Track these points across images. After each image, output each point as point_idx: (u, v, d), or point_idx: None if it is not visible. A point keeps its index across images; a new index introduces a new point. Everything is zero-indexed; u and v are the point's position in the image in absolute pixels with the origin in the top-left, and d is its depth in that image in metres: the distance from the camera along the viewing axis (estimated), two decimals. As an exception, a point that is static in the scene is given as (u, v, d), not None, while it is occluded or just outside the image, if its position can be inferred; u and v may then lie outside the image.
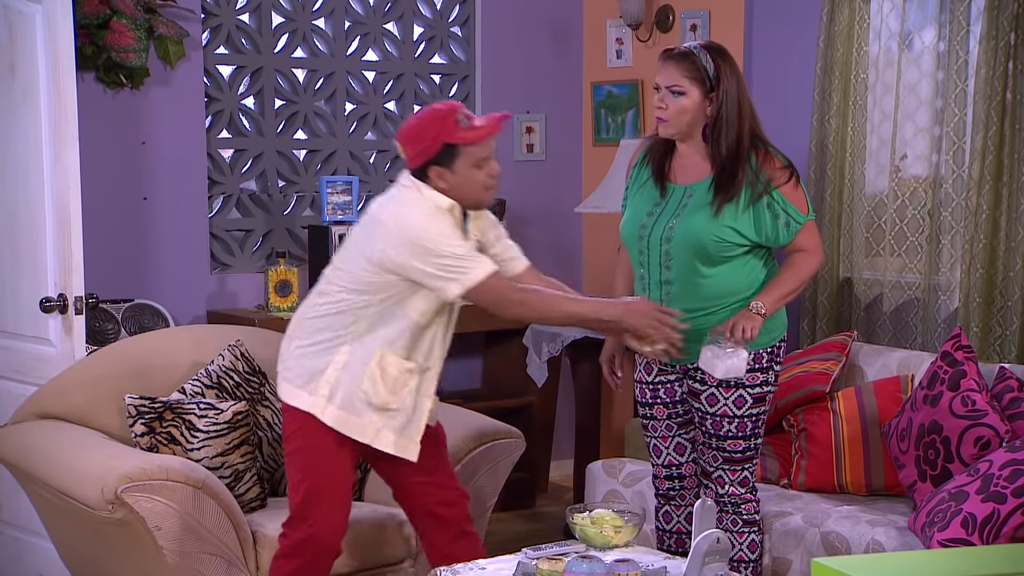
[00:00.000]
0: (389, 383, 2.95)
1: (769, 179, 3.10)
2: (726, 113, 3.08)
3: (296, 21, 4.89)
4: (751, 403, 3.18)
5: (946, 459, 3.36)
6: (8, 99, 3.87)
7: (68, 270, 3.71)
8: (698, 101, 3.10)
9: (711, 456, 3.23)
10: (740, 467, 3.22)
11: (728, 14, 4.89)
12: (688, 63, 3.09)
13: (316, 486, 2.98)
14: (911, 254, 4.30)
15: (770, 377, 3.21)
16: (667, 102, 3.11)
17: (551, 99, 5.42)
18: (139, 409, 3.36)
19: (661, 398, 3.29)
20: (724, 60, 3.11)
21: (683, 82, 3.09)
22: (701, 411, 3.21)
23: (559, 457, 5.29)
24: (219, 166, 4.79)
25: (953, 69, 4.10)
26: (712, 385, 3.18)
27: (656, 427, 3.32)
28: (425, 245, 2.86)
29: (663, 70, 3.13)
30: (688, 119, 3.11)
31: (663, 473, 3.35)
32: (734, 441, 3.19)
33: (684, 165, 3.18)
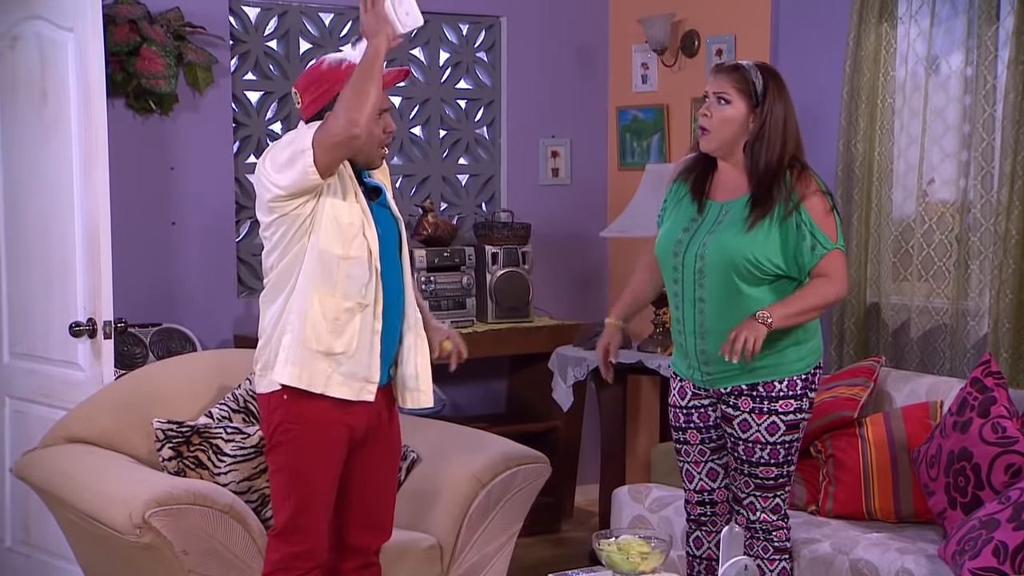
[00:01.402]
0: (329, 324, 2.89)
1: (801, 198, 3.09)
2: (769, 130, 3.09)
3: (323, 47, 4.93)
4: (784, 430, 3.16)
5: (976, 486, 3.33)
6: (40, 125, 3.92)
7: (97, 295, 3.74)
8: (743, 113, 3.11)
9: (743, 482, 3.21)
10: (772, 494, 3.20)
11: (753, 39, 4.89)
12: (738, 75, 3.13)
13: (303, 503, 2.95)
14: (939, 279, 4.28)
15: (804, 404, 3.18)
16: (712, 110, 3.13)
17: (576, 123, 5.43)
18: (167, 433, 3.38)
19: (695, 423, 3.27)
20: (775, 81, 3.14)
21: (730, 91, 3.11)
22: (734, 436, 3.20)
23: (584, 482, 5.27)
24: (246, 191, 4.82)
25: (981, 94, 4.09)
26: (745, 411, 3.16)
27: (689, 452, 3.30)
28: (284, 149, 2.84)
29: (713, 80, 3.17)
30: (731, 130, 3.12)
31: (695, 499, 3.33)
32: (766, 468, 3.17)
33: (723, 182, 3.19)
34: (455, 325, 4.83)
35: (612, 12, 5.44)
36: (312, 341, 2.90)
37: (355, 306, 2.92)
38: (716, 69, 3.21)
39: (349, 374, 2.93)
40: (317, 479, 2.96)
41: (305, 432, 2.93)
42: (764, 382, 3.15)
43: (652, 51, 5.19)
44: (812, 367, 3.19)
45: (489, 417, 5.12)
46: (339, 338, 2.91)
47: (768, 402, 3.15)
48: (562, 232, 5.42)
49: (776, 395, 3.14)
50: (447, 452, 3.59)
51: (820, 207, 3.10)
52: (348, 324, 2.91)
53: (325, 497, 2.98)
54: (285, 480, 2.96)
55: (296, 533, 2.96)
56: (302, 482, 2.95)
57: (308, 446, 2.93)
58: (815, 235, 3.09)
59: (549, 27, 5.34)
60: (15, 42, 3.98)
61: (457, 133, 5.27)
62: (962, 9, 4.18)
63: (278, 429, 2.95)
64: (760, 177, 3.10)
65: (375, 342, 2.96)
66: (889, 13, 4.36)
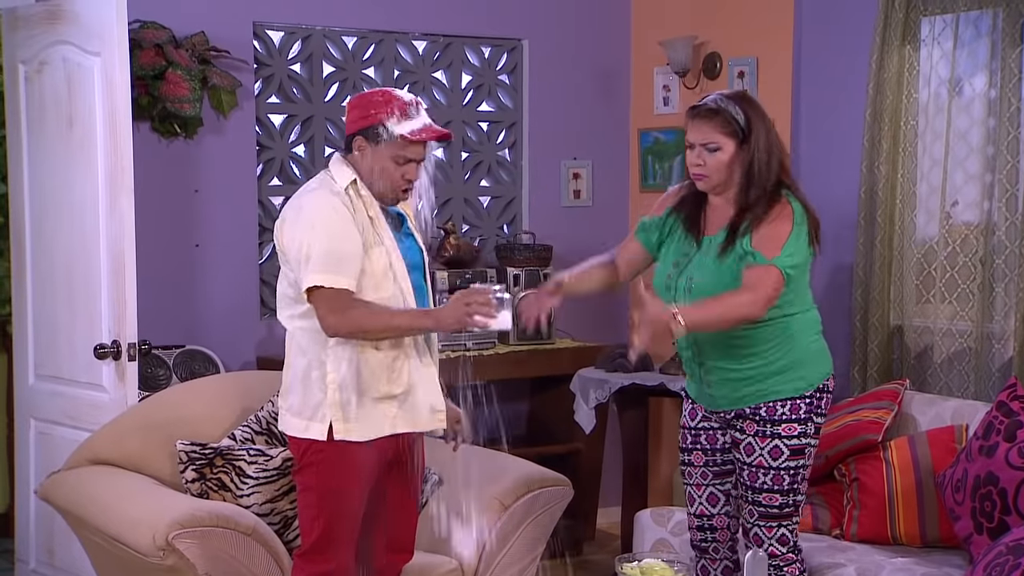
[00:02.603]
0: (381, 373, 2.94)
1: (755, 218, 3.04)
2: (757, 163, 3.06)
3: (346, 70, 4.96)
4: (787, 455, 3.12)
5: (1003, 511, 3.30)
6: (66, 149, 3.95)
7: (122, 317, 3.76)
8: (733, 154, 3.08)
9: (748, 511, 3.18)
10: (776, 523, 3.16)
11: (776, 61, 4.89)
12: (720, 119, 3.07)
13: (333, 523, 2.97)
14: (963, 302, 4.25)
15: (808, 429, 3.13)
16: (704, 159, 3.09)
17: (598, 145, 5.44)
18: (190, 455, 3.39)
19: (702, 444, 3.26)
20: (752, 108, 3.10)
21: (718, 138, 3.07)
22: (740, 461, 3.18)
23: (606, 505, 5.25)
24: (270, 213, 4.84)
25: (1005, 116, 4.08)
26: (750, 434, 3.14)
27: (692, 474, 3.28)
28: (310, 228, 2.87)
29: (695, 128, 3.11)
30: (727, 172, 3.10)
31: (695, 523, 3.30)
32: (770, 495, 3.13)
33: (715, 215, 3.17)
34: (476, 348, 4.86)
35: (634, 35, 5.45)
36: (370, 390, 2.94)
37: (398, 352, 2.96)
38: (694, 115, 3.12)
39: (410, 408, 2.98)
40: (348, 499, 2.98)
41: (337, 454, 2.95)
42: (767, 405, 3.12)
43: (674, 73, 5.20)
44: (810, 388, 3.13)
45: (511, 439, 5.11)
46: (393, 382, 2.96)
47: (771, 425, 3.12)
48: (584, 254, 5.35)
49: (779, 418, 3.11)
50: (469, 474, 3.58)
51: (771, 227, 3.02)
52: (397, 367, 2.96)
53: (354, 517, 3.00)
54: (315, 499, 2.98)
55: (323, 553, 2.97)
56: (333, 501, 2.97)
57: (340, 466, 2.96)
58: (752, 254, 3.03)
59: (571, 50, 5.36)
60: (42, 67, 4.02)
61: (479, 155, 5.29)
62: (985, 31, 4.17)
63: (309, 450, 2.98)
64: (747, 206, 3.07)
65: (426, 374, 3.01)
66: (912, 35, 4.35)
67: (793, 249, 3.04)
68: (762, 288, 3.00)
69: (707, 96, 3.15)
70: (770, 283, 3.00)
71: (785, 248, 3.02)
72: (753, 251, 3.03)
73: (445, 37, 5.16)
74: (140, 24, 4.41)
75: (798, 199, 3.10)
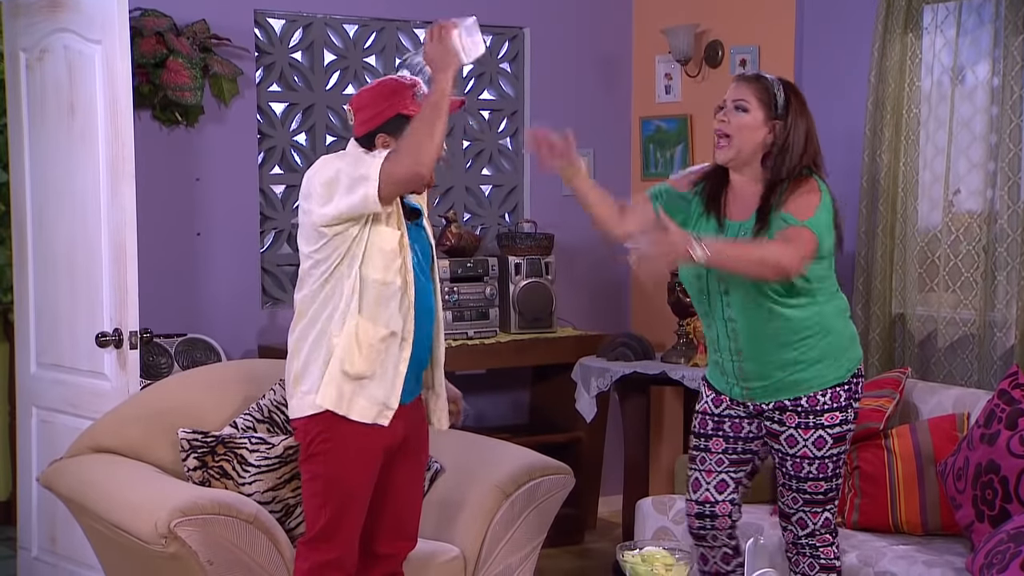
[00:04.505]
0: (364, 351, 2.91)
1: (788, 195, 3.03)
2: (792, 144, 3.05)
3: (347, 59, 4.95)
4: (831, 443, 3.13)
5: (1004, 499, 3.30)
6: (67, 137, 3.95)
7: (123, 305, 3.76)
8: (760, 122, 3.06)
9: (791, 498, 3.18)
10: (822, 508, 3.17)
11: (778, 49, 4.88)
12: (759, 84, 3.09)
13: (339, 513, 2.98)
14: (966, 290, 4.25)
15: (849, 415, 3.15)
16: (729, 116, 3.08)
17: (600, 134, 5.43)
18: (192, 443, 3.39)
19: (724, 431, 3.24)
20: (796, 97, 3.10)
21: (750, 99, 3.07)
22: (781, 452, 3.17)
23: (608, 493, 5.26)
24: (271, 201, 4.84)
25: (1008, 104, 4.07)
26: (791, 426, 3.13)
27: (706, 460, 3.27)
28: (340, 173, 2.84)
29: (732, 89, 3.12)
30: (748, 139, 3.06)
31: (695, 510, 3.28)
32: (815, 483, 3.14)
33: (739, 198, 3.14)
34: (478, 336, 4.86)
35: (636, 22, 5.44)
36: (345, 364, 2.92)
37: (390, 335, 2.94)
38: (738, 78, 3.17)
39: (370, 398, 2.95)
40: (354, 486, 2.99)
41: (344, 442, 2.95)
42: (807, 396, 3.12)
43: (676, 61, 5.19)
44: (848, 375, 3.14)
45: (512, 428, 5.12)
46: (370, 364, 2.94)
47: (813, 416, 3.11)
48: (585, 243, 5.41)
49: (821, 408, 3.11)
50: (471, 463, 3.58)
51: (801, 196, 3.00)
52: (383, 352, 2.94)
53: (360, 505, 3.01)
54: (322, 487, 2.98)
55: (328, 541, 2.98)
56: (339, 489, 2.98)
57: (347, 454, 2.96)
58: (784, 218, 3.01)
59: (573, 38, 5.35)
60: (43, 55, 4.02)
61: (480, 144, 5.28)
62: (988, 19, 4.16)
63: (316, 439, 2.98)
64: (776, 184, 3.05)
65: (400, 370, 2.98)
66: (915, 23, 4.34)
67: (825, 218, 3.02)
68: (798, 243, 2.94)
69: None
70: (805, 241, 2.96)
71: (818, 212, 3.00)
72: (785, 215, 3.00)
73: (447, 25, 5.14)
74: (141, 12, 4.41)
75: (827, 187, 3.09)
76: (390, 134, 2.92)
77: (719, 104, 3.14)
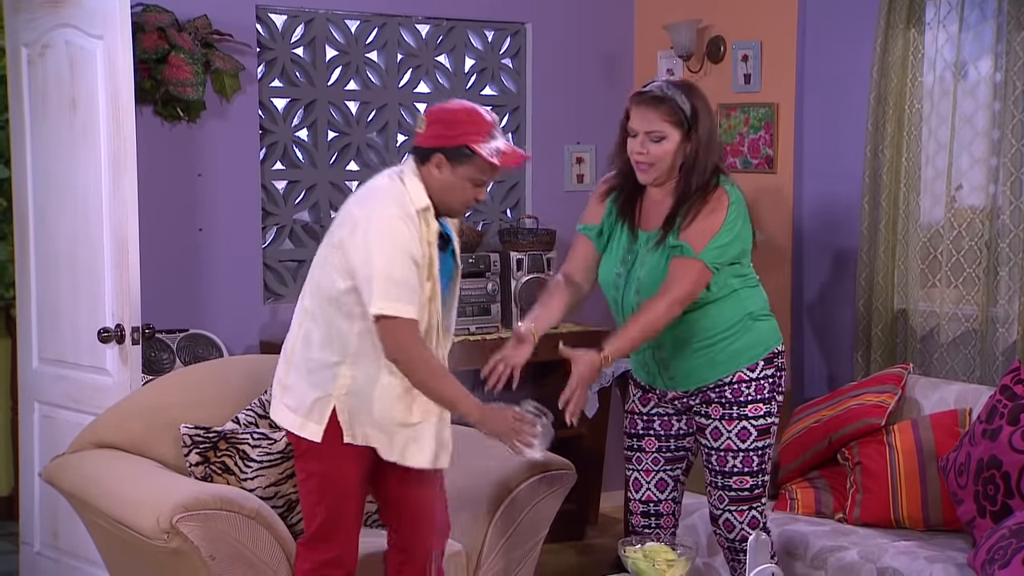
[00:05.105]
0: (400, 401, 2.92)
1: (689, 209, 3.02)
2: (700, 152, 3.02)
3: (349, 54, 4.95)
4: (755, 435, 3.14)
5: (1006, 495, 3.30)
6: (69, 133, 3.95)
7: (125, 301, 3.77)
8: (678, 143, 3.04)
9: (717, 497, 3.19)
10: (747, 506, 3.17)
11: (780, 44, 4.88)
12: (666, 107, 3.02)
13: (334, 510, 2.98)
14: (968, 285, 4.25)
15: (772, 408, 3.16)
16: (648, 147, 3.04)
17: (602, 130, 5.42)
18: (194, 439, 3.40)
19: (655, 430, 3.26)
20: (698, 99, 3.05)
21: (663, 127, 3.02)
22: (707, 447, 3.18)
23: (609, 489, 5.26)
24: (273, 197, 4.84)
25: (1010, 99, 4.06)
26: (716, 419, 3.15)
27: (642, 460, 3.28)
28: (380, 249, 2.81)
29: (639, 115, 3.04)
30: (670, 162, 3.06)
31: (640, 509, 3.30)
32: (740, 478, 3.14)
33: (652, 207, 3.13)
34: (480, 331, 4.86)
35: (638, 18, 5.44)
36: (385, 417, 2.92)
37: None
38: (639, 102, 3.06)
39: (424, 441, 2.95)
40: (348, 483, 2.98)
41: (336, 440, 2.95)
42: (731, 388, 3.13)
43: (678, 57, 5.18)
44: (767, 353, 3.13)
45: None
46: (411, 411, 2.93)
47: (738, 407, 3.13)
48: (587, 238, 5.41)
49: (744, 400, 3.13)
50: (473, 459, 3.58)
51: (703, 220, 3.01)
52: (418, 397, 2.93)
53: (356, 502, 3.01)
54: (316, 486, 2.98)
55: (326, 540, 2.98)
56: (333, 487, 2.98)
57: (339, 455, 2.96)
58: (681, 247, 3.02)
59: (574, 33, 5.34)
60: (45, 50, 4.02)
61: (482, 139, 5.27)
62: (991, 14, 4.15)
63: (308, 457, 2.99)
64: (686, 196, 3.04)
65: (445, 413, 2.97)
66: (917, 18, 4.33)
67: (726, 239, 3.02)
68: (679, 286, 3.00)
69: (652, 83, 3.09)
70: (691, 278, 3.00)
71: (714, 240, 3.01)
72: (681, 244, 3.01)
73: (448, 21, 5.15)
74: (143, 7, 4.40)
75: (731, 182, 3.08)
76: (448, 159, 2.88)
77: (630, 130, 3.06)
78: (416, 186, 2.90)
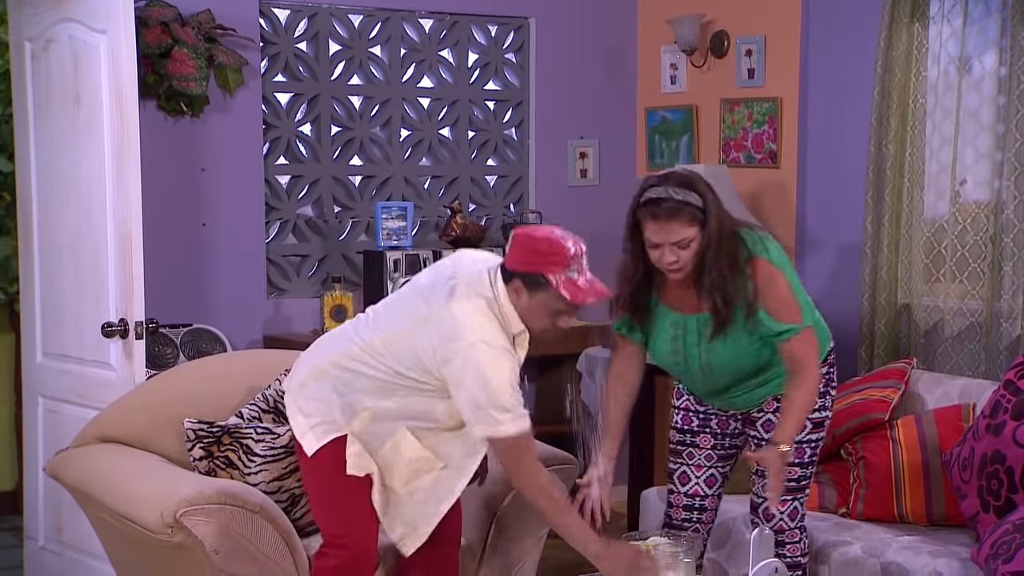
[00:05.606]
0: (403, 466, 2.98)
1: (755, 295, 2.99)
2: (715, 243, 2.97)
3: (352, 49, 4.95)
4: (809, 428, 3.16)
5: (1010, 489, 3.30)
6: (72, 127, 3.95)
7: (129, 295, 3.77)
8: (699, 238, 2.98)
9: (762, 486, 3.19)
10: (791, 496, 3.19)
11: (783, 39, 4.87)
12: (685, 214, 2.95)
13: (348, 514, 3.00)
14: (973, 280, 4.24)
15: (827, 402, 3.19)
16: (678, 255, 2.98)
17: (605, 125, 5.42)
18: (197, 433, 3.40)
19: (712, 428, 3.28)
20: (703, 187, 2.99)
21: (687, 232, 2.96)
22: (757, 438, 3.19)
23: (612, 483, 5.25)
24: (276, 192, 4.84)
25: (1015, 94, 4.05)
26: (769, 411, 3.17)
27: (694, 455, 3.29)
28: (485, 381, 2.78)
29: (659, 229, 2.96)
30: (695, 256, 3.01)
31: (683, 503, 3.30)
32: (790, 468, 3.15)
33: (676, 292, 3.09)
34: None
35: (641, 13, 5.43)
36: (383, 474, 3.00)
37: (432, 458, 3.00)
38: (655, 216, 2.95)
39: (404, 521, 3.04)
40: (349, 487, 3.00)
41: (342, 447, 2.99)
42: None
43: (681, 52, 5.18)
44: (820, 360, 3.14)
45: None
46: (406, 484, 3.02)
47: None
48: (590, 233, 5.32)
49: None
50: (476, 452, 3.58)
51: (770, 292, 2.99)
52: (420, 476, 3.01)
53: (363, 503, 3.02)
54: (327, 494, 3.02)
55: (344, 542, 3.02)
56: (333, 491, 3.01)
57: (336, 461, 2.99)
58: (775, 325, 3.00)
59: (578, 28, 5.33)
60: (49, 45, 4.01)
61: (485, 134, 5.27)
62: (995, 8, 4.14)
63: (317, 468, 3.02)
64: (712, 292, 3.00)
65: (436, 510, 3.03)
66: (921, 13, 4.33)
67: (800, 290, 3.05)
68: (812, 360, 3.02)
69: (652, 188, 3.00)
70: (812, 345, 3.03)
71: (798, 300, 3.02)
72: (787, 327, 2.99)
73: (451, 15, 5.14)
74: (146, 2, 4.40)
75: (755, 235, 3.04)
76: (525, 286, 2.84)
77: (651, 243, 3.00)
78: (513, 315, 2.87)
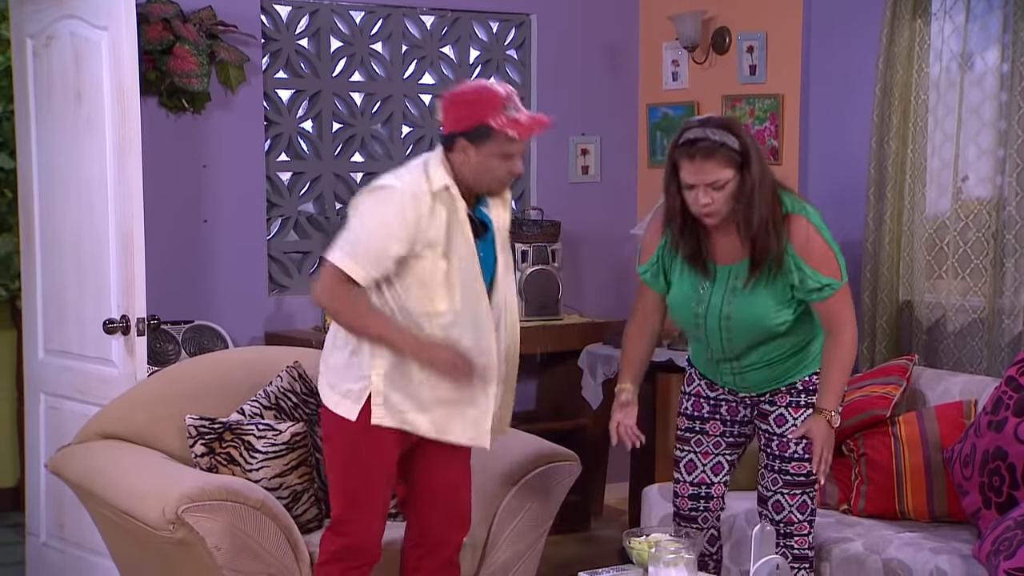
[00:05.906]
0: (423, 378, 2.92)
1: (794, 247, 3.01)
2: (756, 188, 2.97)
3: (354, 45, 4.95)
4: None
5: (1011, 486, 3.30)
6: (74, 124, 3.95)
7: (131, 292, 3.77)
8: (736, 182, 2.98)
9: (771, 479, 3.20)
10: (801, 490, 3.19)
11: (785, 35, 4.87)
12: (721, 155, 2.95)
13: (356, 496, 3.00)
14: (975, 277, 4.24)
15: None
16: (712, 196, 2.98)
17: (606, 121, 5.42)
18: (199, 430, 3.40)
19: (721, 415, 3.27)
20: (743, 132, 3.00)
21: (723, 174, 2.96)
22: (768, 432, 3.19)
23: (614, 480, 5.26)
24: (278, 189, 4.84)
25: (1017, 90, 4.05)
26: (781, 406, 3.18)
27: (702, 442, 3.28)
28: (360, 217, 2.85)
29: (695, 168, 2.96)
30: (732, 203, 3.01)
31: (688, 491, 3.30)
32: (799, 463, 3.16)
33: (720, 243, 3.09)
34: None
35: (643, 9, 5.43)
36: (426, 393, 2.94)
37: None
38: (691, 154, 2.96)
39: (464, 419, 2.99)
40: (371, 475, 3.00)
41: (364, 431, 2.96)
42: (802, 380, 3.19)
43: (683, 48, 5.17)
44: None
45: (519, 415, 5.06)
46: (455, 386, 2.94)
47: (804, 395, 3.17)
48: (592, 230, 5.41)
49: (812, 388, 3.17)
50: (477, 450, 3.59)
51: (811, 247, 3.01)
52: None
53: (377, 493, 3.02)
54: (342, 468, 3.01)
55: (346, 528, 3.02)
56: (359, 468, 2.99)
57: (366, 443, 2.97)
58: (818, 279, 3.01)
59: (579, 25, 5.33)
60: (50, 41, 4.01)
61: (487, 131, 5.27)
62: (997, 5, 4.14)
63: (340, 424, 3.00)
64: (755, 237, 3.00)
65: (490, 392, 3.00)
66: (923, 9, 4.32)
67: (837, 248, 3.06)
68: (847, 316, 3.05)
69: (690, 129, 3.00)
70: (848, 302, 3.06)
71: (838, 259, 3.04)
72: (829, 281, 3.01)
73: (453, 12, 5.14)
74: (147, -1, 4.40)
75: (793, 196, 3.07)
76: (471, 142, 2.86)
77: (686, 183, 2.99)
78: (437, 171, 2.89)
